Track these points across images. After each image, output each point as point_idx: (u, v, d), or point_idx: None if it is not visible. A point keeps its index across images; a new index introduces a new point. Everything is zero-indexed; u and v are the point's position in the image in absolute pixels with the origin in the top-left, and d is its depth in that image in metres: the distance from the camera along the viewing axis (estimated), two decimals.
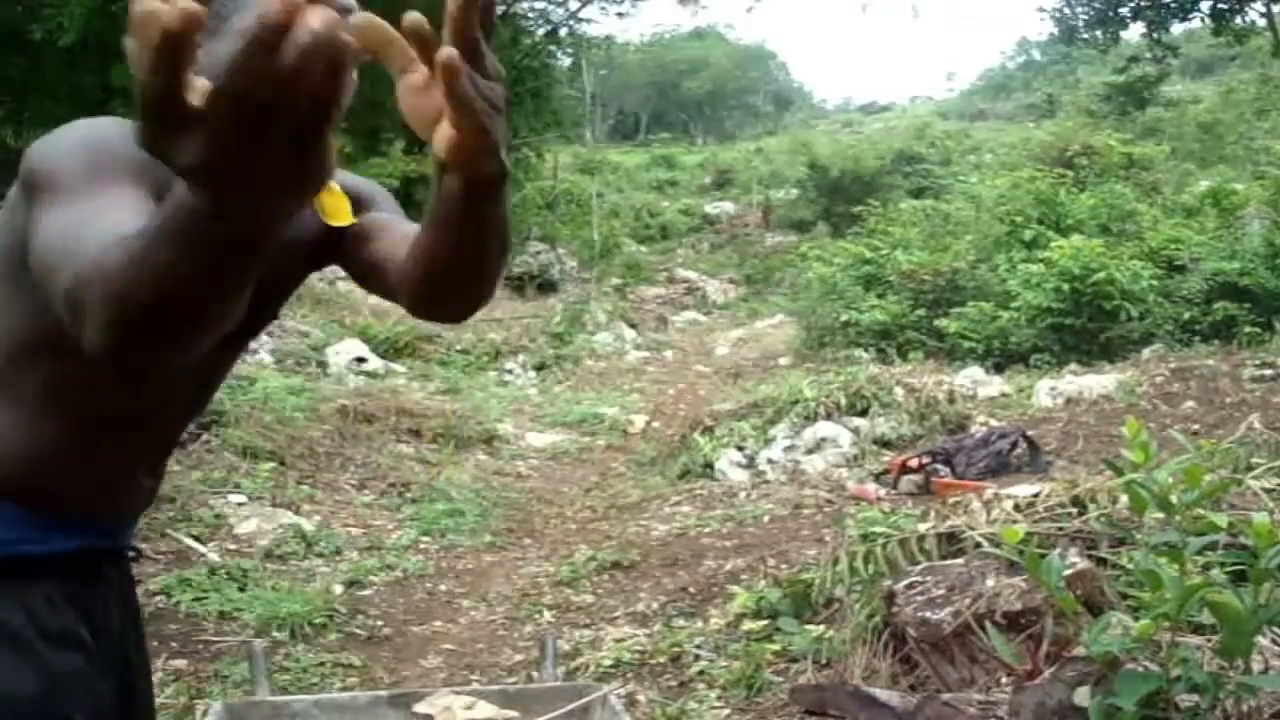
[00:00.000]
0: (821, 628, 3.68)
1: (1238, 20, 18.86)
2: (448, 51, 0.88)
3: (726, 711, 3.38)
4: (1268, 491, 3.39)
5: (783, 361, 12.03)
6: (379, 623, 4.53)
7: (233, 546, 5.18)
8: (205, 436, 6.23)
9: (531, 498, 7.00)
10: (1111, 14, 19.72)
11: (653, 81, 48.52)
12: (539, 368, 12.13)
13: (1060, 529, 3.33)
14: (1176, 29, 21.43)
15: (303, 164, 0.71)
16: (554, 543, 5.96)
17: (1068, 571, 2.72)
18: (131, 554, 1.43)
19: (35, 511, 1.23)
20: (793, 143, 29.73)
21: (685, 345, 14.67)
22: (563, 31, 21.86)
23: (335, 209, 1.34)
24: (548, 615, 4.63)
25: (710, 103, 50.10)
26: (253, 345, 10.13)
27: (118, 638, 1.36)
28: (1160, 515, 2.28)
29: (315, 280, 13.49)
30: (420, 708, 2.14)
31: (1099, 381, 8.01)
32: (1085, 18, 20.06)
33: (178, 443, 1.48)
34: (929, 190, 21.44)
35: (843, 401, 7.57)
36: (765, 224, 26.30)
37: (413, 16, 0.92)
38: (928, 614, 3.04)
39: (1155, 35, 20.16)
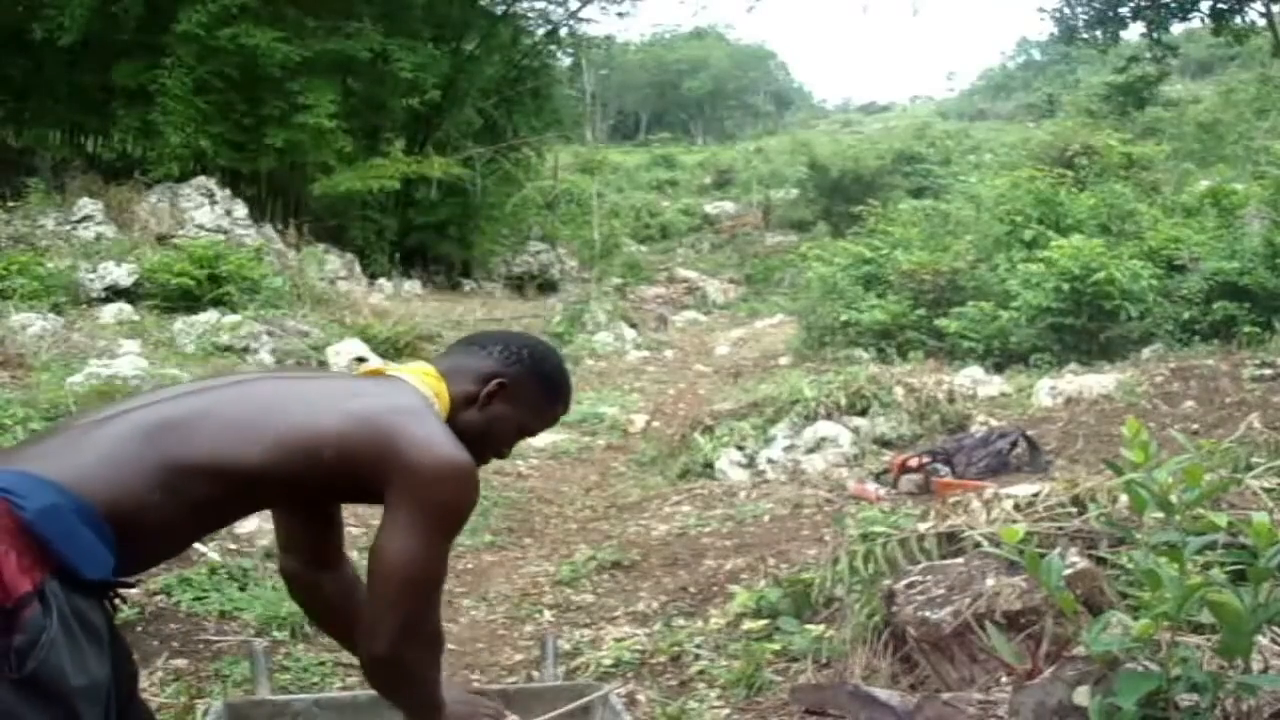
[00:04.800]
0: (821, 627, 3.68)
1: (1237, 20, 18.85)
2: None
3: (726, 711, 3.38)
4: (1268, 491, 3.39)
5: (783, 361, 12.04)
6: None
7: (233, 546, 5.17)
8: None
9: (531, 497, 7.00)
10: (1111, 14, 19.70)
11: (653, 81, 48.52)
12: None
13: (1060, 529, 3.33)
14: (1176, 29, 21.44)
15: None
16: (554, 542, 5.96)
17: (1068, 571, 2.73)
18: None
19: (121, 553, 1.57)
20: (793, 143, 29.74)
21: (685, 345, 14.68)
22: (563, 31, 21.87)
23: None
24: (548, 615, 4.64)
25: (710, 103, 50.10)
26: (254, 346, 10.15)
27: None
28: (1160, 515, 2.28)
29: (315, 280, 13.51)
30: None
31: (1099, 381, 8.01)
32: (1085, 18, 20.04)
33: None
34: (929, 190, 21.43)
35: (843, 401, 7.57)
36: (765, 224, 26.31)
37: None
38: (928, 613, 3.05)
39: (1155, 35, 20.14)
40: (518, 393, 1.94)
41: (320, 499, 1.92)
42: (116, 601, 1.66)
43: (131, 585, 1.66)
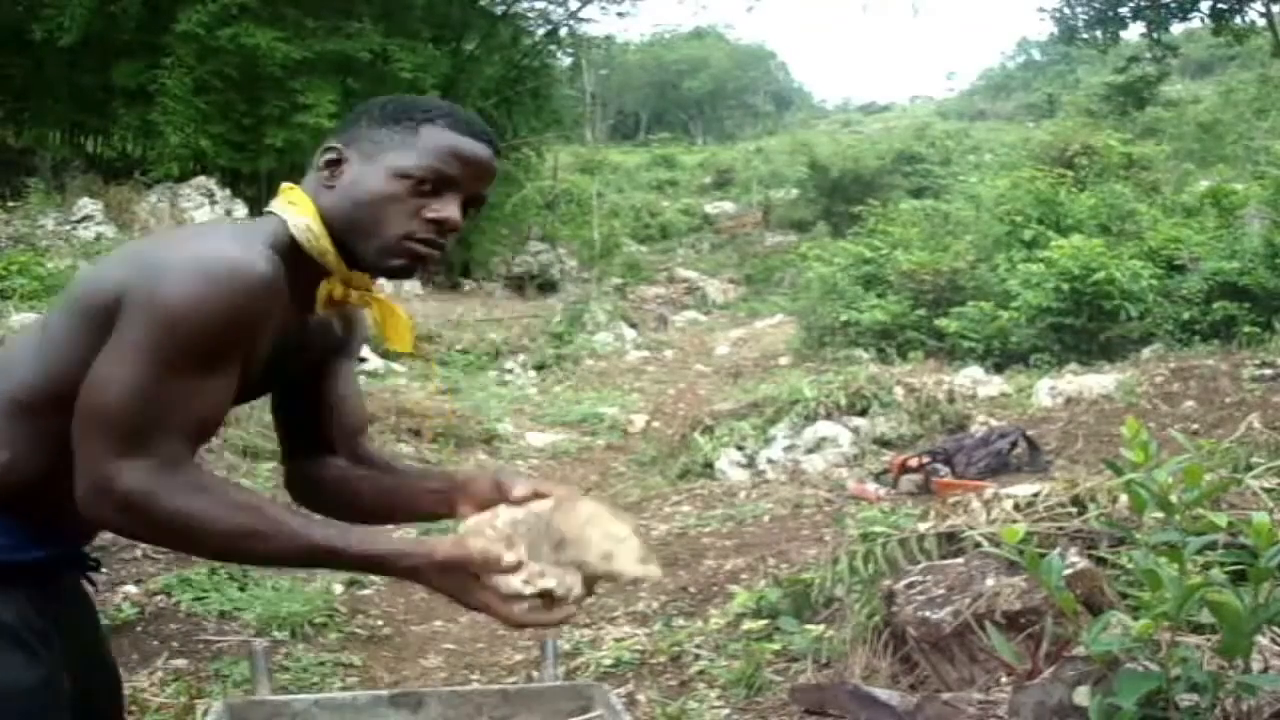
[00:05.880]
0: (821, 627, 3.68)
1: (1237, 20, 18.88)
2: None
3: (726, 711, 3.38)
4: (1268, 491, 3.39)
5: (783, 361, 12.04)
6: (379, 622, 4.53)
7: None
8: None
9: None
10: (1111, 14, 19.73)
11: (653, 81, 48.49)
12: (539, 367, 12.14)
13: (1060, 529, 3.33)
14: (1176, 29, 21.49)
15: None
16: None
17: (1068, 571, 2.73)
18: (92, 563, 1.54)
19: (22, 525, 1.36)
20: (793, 143, 29.72)
21: (685, 345, 14.67)
22: (563, 31, 21.85)
23: (399, 335, 1.51)
24: None
25: (710, 103, 50.09)
26: None
27: (78, 637, 1.49)
28: (1160, 515, 2.28)
29: None
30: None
31: (1099, 381, 8.02)
32: (1085, 18, 20.07)
33: None
34: (929, 190, 21.42)
35: (843, 401, 7.57)
36: (765, 224, 26.30)
37: None
38: (927, 613, 3.05)
39: (1155, 35, 20.18)
40: (360, 148, 1.44)
41: None
42: (86, 580, 1.51)
43: (74, 559, 1.45)
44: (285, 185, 1.49)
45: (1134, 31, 21.00)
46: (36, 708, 1.32)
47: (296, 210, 1.43)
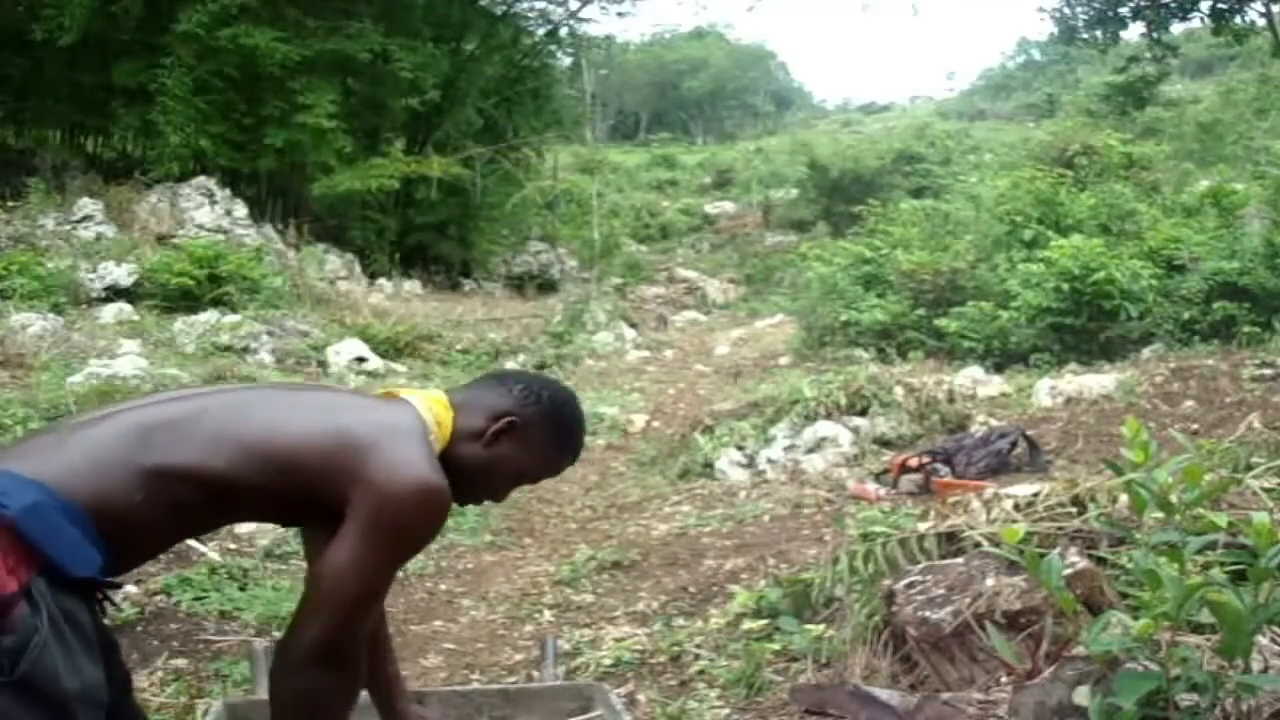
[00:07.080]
0: (821, 627, 3.68)
1: (1237, 20, 18.83)
2: None
3: (726, 711, 3.37)
4: (1268, 491, 3.39)
5: (783, 361, 12.04)
6: None
7: (233, 546, 5.17)
8: None
9: (531, 497, 7.00)
10: (1111, 14, 19.68)
11: (653, 81, 48.46)
12: (539, 367, 12.13)
13: (1060, 528, 3.33)
14: (1176, 29, 21.41)
15: None
16: (554, 542, 5.96)
17: (1068, 571, 2.73)
18: (117, 586, 1.76)
19: (107, 553, 1.55)
20: (793, 143, 29.70)
21: (685, 345, 14.67)
22: (563, 31, 21.85)
23: None
24: (548, 615, 4.64)
25: (710, 103, 50.06)
26: (254, 345, 10.15)
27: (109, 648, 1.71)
28: (1160, 515, 2.29)
29: (315, 280, 13.51)
30: None
31: (1099, 381, 8.01)
32: (1085, 18, 20.02)
33: None
34: (929, 190, 21.40)
35: (843, 401, 7.57)
36: (765, 224, 26.30)
37: None
38: (927, 613, 3.05)
39: (1155, 35, 20.14)
40: (527, 434, 1.85)
41: (296, 513, 1.83)
42: (105, 604, 1.64)
43: (118, 585, 1.65)
44: (439, 398, 1.82)
45: (1134, 31, 20.96)
46: (101, 702, 1.52)
47: (439, 435, 1.77)
